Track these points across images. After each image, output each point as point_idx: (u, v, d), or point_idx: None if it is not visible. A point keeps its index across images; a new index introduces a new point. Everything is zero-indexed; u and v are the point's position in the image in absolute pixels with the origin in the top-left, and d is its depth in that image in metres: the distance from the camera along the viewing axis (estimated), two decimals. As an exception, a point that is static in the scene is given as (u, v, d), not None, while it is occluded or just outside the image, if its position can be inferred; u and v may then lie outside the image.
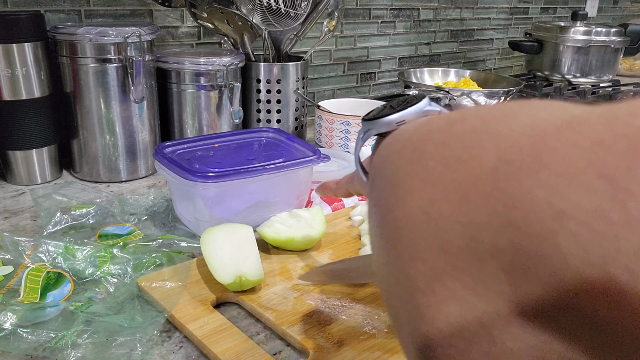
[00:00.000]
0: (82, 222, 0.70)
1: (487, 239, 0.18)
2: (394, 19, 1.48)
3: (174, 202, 0.73)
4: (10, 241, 0.59)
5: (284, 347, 0.50)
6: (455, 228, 0.19)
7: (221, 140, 0.79)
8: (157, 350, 0.49)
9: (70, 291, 0.55)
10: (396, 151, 0.25)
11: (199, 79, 0.92)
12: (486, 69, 1.84)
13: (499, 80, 1.33)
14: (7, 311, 0.49)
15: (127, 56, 0.83)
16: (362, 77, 1.46)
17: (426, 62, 1.63)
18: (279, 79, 1.02)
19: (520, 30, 1.92)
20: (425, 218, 0.20)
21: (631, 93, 1.56)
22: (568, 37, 1.63)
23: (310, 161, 0.72)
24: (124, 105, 0.85)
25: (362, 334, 0.50)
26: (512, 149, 0.18)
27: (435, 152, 0.22)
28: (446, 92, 1.15)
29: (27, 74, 0.80)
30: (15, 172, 0.85)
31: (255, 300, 0.54)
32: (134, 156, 0.89)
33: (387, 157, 0.26)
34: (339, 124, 0.99)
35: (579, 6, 2.12)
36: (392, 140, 0.28)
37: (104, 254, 0.59)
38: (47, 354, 0.47)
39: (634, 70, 2.03)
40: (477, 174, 0.19)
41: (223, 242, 0.59)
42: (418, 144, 0.24)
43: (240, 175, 0.66)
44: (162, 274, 0.57)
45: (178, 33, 1.09)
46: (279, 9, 0.96)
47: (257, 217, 0.70)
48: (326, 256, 0.64)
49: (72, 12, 0.95)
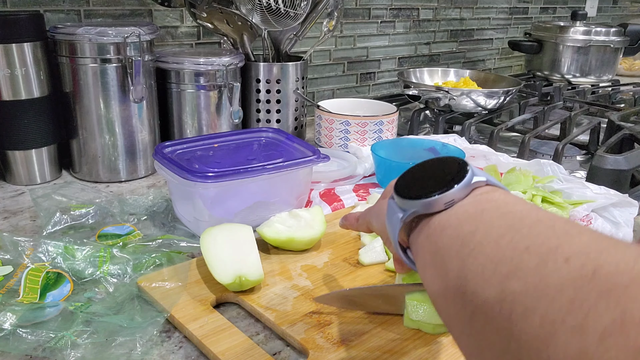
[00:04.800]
0: (81, 222, 0.70)
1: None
2: (394, 19, 1.48)
3: (174, 202, 0.73)
4: (9, 241, 0.59)
5: (283, 347, 0.50)
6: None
7: (221, 140, 0.79)
8: (157, 350, 0.49)
9: (70, 291, 0.55)
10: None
11: (199, 78, 0.92)
12: (486, 69, 1.84)
13: (498, 80, 1.33)
14: (6, 311, 0.49)
15: (127, 56, 0.83)
16: (361, 77, 1.46)
17: (426, 62, 1.63)
18: (279, 79, 1.02)
19: (520, 30, 1.92)
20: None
21: (630, 93, 1.56)
22: (568, 37, 1.63)
23: (310, 161, 0.72)
24: (124, 105, 0.85)
25: (362, 334, 0.50)
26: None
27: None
28: (446, 92, 1.15)
29: (26, 74, 0.80)
30: (14, 172, 0.85)
31: (255, 300, 0.54)
32: (133, 156, 0.89)
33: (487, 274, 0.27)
34: (339, 123, 0.99)
35: (578, 6, 2.12)
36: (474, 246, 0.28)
37: (104, 254, 0.59)
38: (47, 354, 0.47)
39: (633, 70, 2.04)
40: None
41: (223, 242, 0.59)
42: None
43: (240, 175, 0.66)
44: (161, 274, 0.57)
45: (177, 33, 1.09)
46: (278, 9, 0.96)
47: (256, 217, 0.70)
48: (326, 256, 0.64)
49: (71, 12, 0.95)
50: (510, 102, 1.25)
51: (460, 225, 0.31)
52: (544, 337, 0.22)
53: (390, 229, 0.37)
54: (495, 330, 0.24)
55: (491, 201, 0.31)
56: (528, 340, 0.22)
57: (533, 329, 0.22)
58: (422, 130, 1.21)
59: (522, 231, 0.27)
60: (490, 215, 0.30)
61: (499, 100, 1.18)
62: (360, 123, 0.98)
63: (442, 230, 0.32)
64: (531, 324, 0.22)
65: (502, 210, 0.30)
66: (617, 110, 1.27)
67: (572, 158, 1.07)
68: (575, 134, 1.07)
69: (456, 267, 0.29)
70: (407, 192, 0.35)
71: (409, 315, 0.50)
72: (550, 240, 0.25)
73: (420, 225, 0.34)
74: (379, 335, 0.50)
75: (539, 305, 0.22)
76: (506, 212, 0.29)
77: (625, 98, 1.52)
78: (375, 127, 0.99)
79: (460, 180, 0.32)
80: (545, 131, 1.13)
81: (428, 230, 0.33)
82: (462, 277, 0.28)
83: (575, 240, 0.24)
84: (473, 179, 0.33)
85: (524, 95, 1.42)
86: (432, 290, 0.31)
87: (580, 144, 1.10)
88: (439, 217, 0.33)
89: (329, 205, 0.78)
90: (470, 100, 1.16)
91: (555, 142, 1.08)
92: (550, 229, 0.26)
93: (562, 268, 0.23)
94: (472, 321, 0.26)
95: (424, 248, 0.33)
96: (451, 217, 0.32)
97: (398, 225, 0.35)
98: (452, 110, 1.20)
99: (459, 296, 0.28)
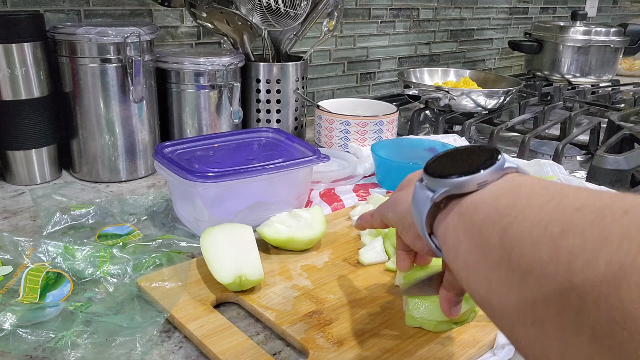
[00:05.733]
0: (81, 222, 0.70)
1: None
2: (394, 19, 1.48)
3: (174, 202, 0.73)
4: (9, 241, 0.59)
5: (283, 347, 0.50)
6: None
7: (221, 140, 0.79)
8: (157, 350, 0.49)
9: (70, 291, 0.55)
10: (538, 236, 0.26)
11: (199, 78, 0.92)
12: (486, 69, 1.84)
13: (498, 80, 1.33)
14: (6, 311, 0.49)
15: (127, 56, 0.83)
16: (361, 77, 1.46)
17: (426, 62, 1.63)
18: (279, 78, 1.02)
19: (520, 30, 1.92)
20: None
21: (630, 93, 1.56)
22: (568, 37, 1.63)
23: (310, 161, 0.72)
24: (124, 105, 0.85)
25: (362, 334, 0.50)
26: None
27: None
28: (446, 92, 1.15)
29: (26, 74, 0.80)
30: (14, 172, 0.85)
31: (255, 300, 0.54)
32: (133, 156, 0.89)
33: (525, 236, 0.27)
34: (339, 123, 0.99)
35: (578, 6, 2.12)
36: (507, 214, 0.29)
37: (104, 254, 0.59)
38: (47, 354, 0.47)
39: (633, 70, 2.04)
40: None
41: (223, 242, 0.59)
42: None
43: (240, 175, 0.66)
44: (161, 274, 0.57)
45: (177, 33, 1.09)
46: (278, 9, 0.96)
47: (256, 217, 0.70)
48: (326, 256, 0.64)
49: (71, 12, 0.95)
50: (510, 102, 1.25)
51: (497, 200, 0.31)
52: (613, 280, 0.21)
53: (417, 212, 0.36)
54: (551, 285, 0.24)
55: (526, 180, 0.32)
56: (594, 286, 0.22)
57: (598, 276, 0.22)
58: (422, 130, 1.21)
59: (569, 196, 0.27)
60: (530, 189, 0.30)
61: (499, 100, 1.18)
62: (360, 123, 0.98)
63: (476, 207, 0.32)
64: (596, 271, 0.22)
65: (542, 184, 0.30)
66: (617, 110, 1.27)
67: (572, 158, 1.07)
68: (575, 134, 1.07)
69: (497, 235, 0.29)
70: (439, 172, 0.35)
71: (411, 313, 0.50)
72: (602, 200, 0.25)
73: (449, 206, 0.34)
74: (379, 335, 0.50)
75: (601, 254, 0.22)
76: (545, 185, 0.30)
77: (625, 98, 1.52)
78: (375, 127, 0.99)
79: (493, 164, 0.33)
80: (545, 131, 1.13)
81: (460, 209, 0.33)
82: (506, 244, 0.28)
83: (628, 198, 0.24)
84: (505, 164, 0.33)
85: (524, 95, 1.42)
86: (467, 264, 0.31)
87: (580, 144, 1.10)
88: (471, 197, 0.33)
89: (329, 205, 0.78)
90: (470, 100, 1.16)
91: (555, 142, 1.08)
92: (597, 193, 0.26)
93: (623, 218, 0.23)
94: (523, 283, 0.26)
95: (455, 226, 0.33)
96: (485, 194, 0.32)
97: (427, 206, 0.35)
98: (452, 110, 1.19)
99: (503, 263, 0.28)
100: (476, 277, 0.30)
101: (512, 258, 0.27)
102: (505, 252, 0.28)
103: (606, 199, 0.25)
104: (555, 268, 0.24)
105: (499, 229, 0.29)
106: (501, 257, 0.28)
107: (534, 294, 0.26)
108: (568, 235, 0.24)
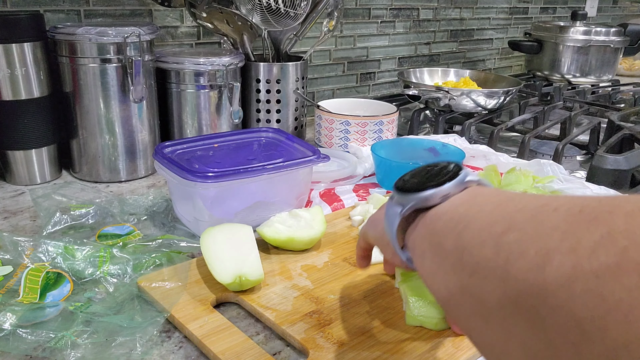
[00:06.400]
0: (81, 222, 0.70)
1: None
2: (394, 19, 1.48)
3: (174, 202, 0.73)
4: (9, 241, 0.59)
5: (283, 347, 0.50)
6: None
7: (221, 140, 0.79)
8: (157, 350, 0.49)
9: (70, 291, 0.55)
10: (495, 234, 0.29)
11: (199, 78, 0.92)
12: (486, 69, 1.84)
13: (498, 80, 1.33)
14: (6, 311, 0.49)
15: (127, 56, 0.83)
16: (361, 77, 1.46)
17: (426, 62, 1.63)
18: (279, 78, 1.02)
19: (520, 30, 1.92)
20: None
21: (630, 93, 1.56)
22: (568, 37, 1.63)
23: (310, 161, 0.72)
24: (124, 105, 0.85)
25: (362, 334, 0.50)
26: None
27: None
28: (446, 92, 1.15)
29: (26, 74, 0.80)
30: (14, 172, 0.85)
31: (255, 300, 0.54)
32: (133, 156, 0.89)
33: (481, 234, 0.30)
34: (339, 123, 0.99)
35: (578, 6, 2.12)
36: (464, 219, 0.32)
37: (104, 254, 0.59)
38: (47, 354, 0.47)
39: (633, 70, 2.04)
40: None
41: (223, 242, 0.59)
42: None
43: (240, 175, 0.66)
44: (161, 274, 0.57)
45: (177, 33, 1.09)
46: (278, 9, 0.96)
47: (256, 217, 0.70)
48: (326, 256, 0.64)
49: (71, 12, 0.95)
50: (510, 102, 1.25)
51: (455, 209, 0.34)
52: (539, 264, 0.24)
53: (388, 227, 0.39)
54: (494, 278, 0.27)
55: (484, 190, 0.35)
56: (523, 272, 0.25)
57: (527, 263, 0.25)
58: (422, 130, 1.21)
59: (515, 200, 0.30)
60: (484, 198, 0.33)
61: (499, 100, 1.18)
62: (360, 123, 0.98)
63: (438, 217, 0.35)
64: (526, 259, 0.25)
65: (495, 193, 0.34)
66: (617, 110, 1.27)
67: (572, 158, 1.07)
68: (575, 134, 1.07)
69: (452, 241, 0.32)
70: (407, 188, 0.38)
71: (411, 312, 0.50)
72: (540, 201, 0.28)
73: (417, 219, 0.37)
74: (379, 335, 0.50)
75: (533, 245, 0.25)
76: (499, 193, 0.33)
77: (625, 98, 1.52)
78: (375, 127, 0.99)
79: (455, 178, 0.36)
80: (545, 131, 1.13)
81: (425, 220, 0.36)
82: (459, 247, 0.31)
83: (561, 198, 0.28)
84: (467, 178, 0.37)
85: (524, 95, 1.42)
86: (431, 271, 0.34)
87: (580, 144, 1.10)
88: (435, 209, 0.36)
89: (329, 205, 0.78)
90: (470, 100, 1.16)
91: (555, 142, 1.08)
92: (538, 196, 0.30)
93: (553, 215, 0.26)
94: (472, 279, 0.29)
95: (421, 236, 0.36)
96: (446, 205, 0.35)
97: (397, 220, 0.38)
98: (452, 110, 1.20)
99: (457, 264, 0.30)
100: (438, 281, 0.33)
101: (463, 259, 0.30)
102: (458, 254, 0.31)
103: (543, 200, 0.28)
104: (496, 263, 0.27)
105: (454, 234, 0.32)
106: (455, 259, 0.31)
107: (481, 289, 0.28)
108: (509, 232, 0.27)
